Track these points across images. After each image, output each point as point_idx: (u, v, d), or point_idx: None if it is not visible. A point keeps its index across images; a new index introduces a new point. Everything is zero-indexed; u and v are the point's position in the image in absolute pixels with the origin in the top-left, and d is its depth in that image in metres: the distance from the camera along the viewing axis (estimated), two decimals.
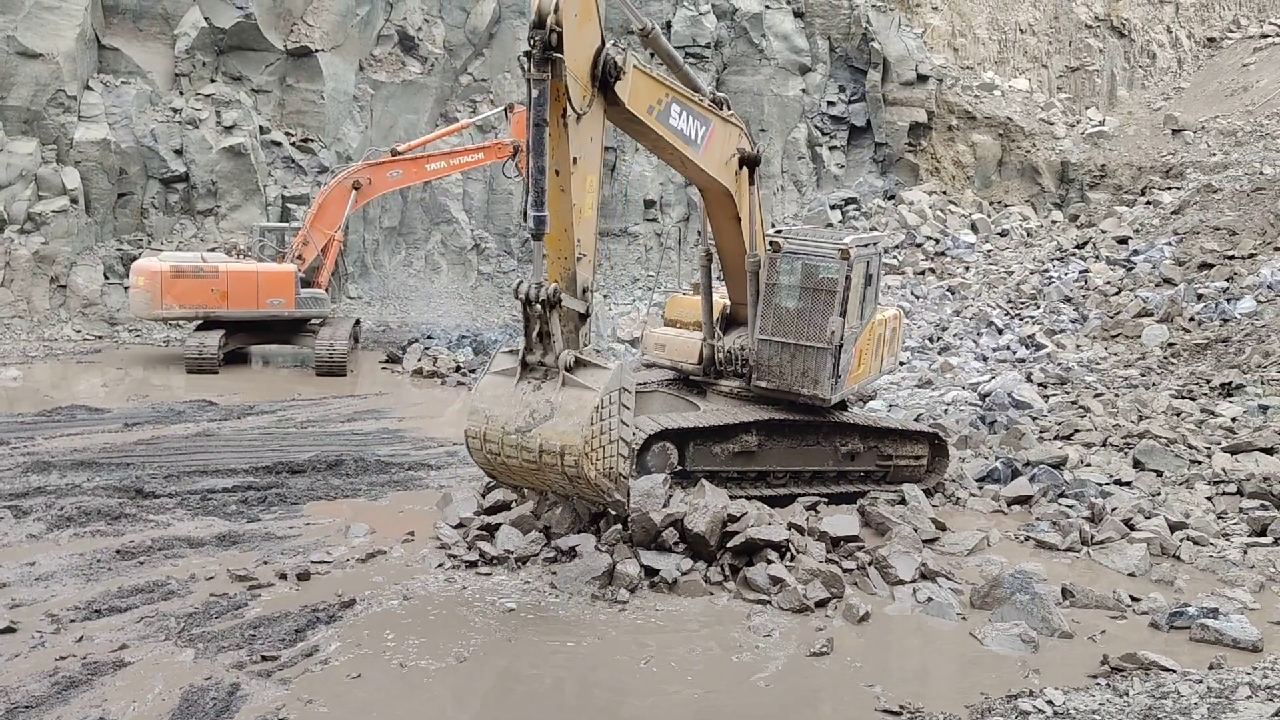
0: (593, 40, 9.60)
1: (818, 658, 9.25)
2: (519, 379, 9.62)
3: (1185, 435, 16.28)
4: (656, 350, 15.13)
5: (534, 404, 9.42)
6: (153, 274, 22.39)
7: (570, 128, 9.41)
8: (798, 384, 13.52)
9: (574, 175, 9.56)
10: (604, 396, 9.34)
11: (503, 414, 9.50)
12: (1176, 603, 10.72)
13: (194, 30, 29.18)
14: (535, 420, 9.35)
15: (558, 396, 9.38)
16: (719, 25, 37.60)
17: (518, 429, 9.38)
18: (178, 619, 9.25)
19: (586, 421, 9.19)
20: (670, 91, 11.22)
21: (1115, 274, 27.79)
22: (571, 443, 9.17)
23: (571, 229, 9.72)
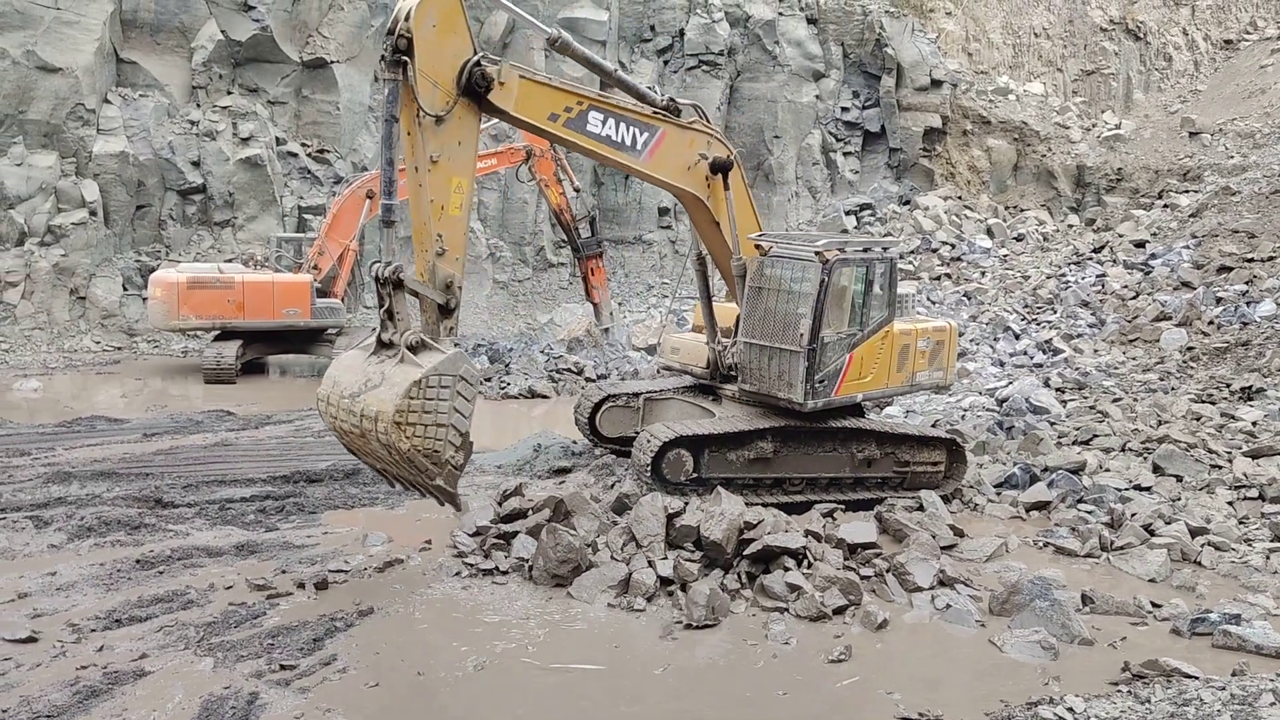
0: (458, 51, 10.32)
1: (836, 665, 9.21)
2: (371, 353, 10.17)
3: (1205, 440, 16.15)
4: (671, 354, 15.28)
5: (369, 373, 9.92)
6: (170, 285, 22.55)
7: (427, 129, 10.13)
8: (774, 387, 13.43)
9: (432, 174, 10.24)
10: (428, 374, 9.67)
11: (345, 380, 10.04)
12: (1198, 609, 10.62)
13: (210, 43, 29.44)
14: (367, 388, 9.80)
15: (391, 369, 9.85)
16: (732, 32, 37.64)
17: (351, 394, 9.87)
18: (197, 628, 9.30)
19: (403, 393, 9.51)
20: (583, 99, 11.56)
21: (1133, 278, 27.63)
22: (384, 410, 9.51)
23: (431, 224, 10.39)
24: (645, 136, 12.15)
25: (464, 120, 10.49)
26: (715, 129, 13.23)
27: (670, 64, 37.69)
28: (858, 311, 13.70)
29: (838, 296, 13.38)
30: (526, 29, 35.53)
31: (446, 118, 10.25)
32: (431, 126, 10.14)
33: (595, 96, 11.75)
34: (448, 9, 10.17)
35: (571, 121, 11.44)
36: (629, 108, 12.10)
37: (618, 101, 12.05)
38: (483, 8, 35.51)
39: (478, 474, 15.33)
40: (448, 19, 10.16)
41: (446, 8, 10.16)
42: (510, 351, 25.33)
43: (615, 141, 11.88)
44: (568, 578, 10.69)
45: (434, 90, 10.10)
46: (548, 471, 15.27)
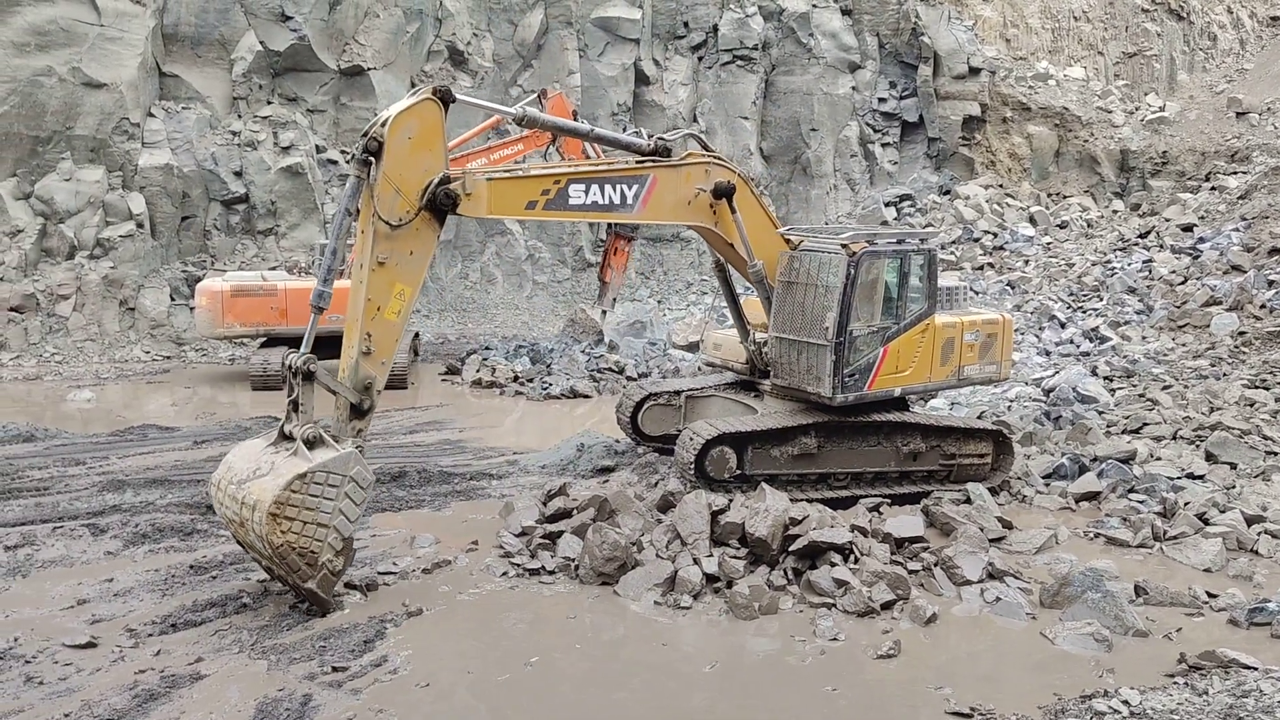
0: (429, 167, 10.34)
1: (885, 660, 9.16)
2: (270, 443, 10.05)
3: (1260, 426, 15.83)
4: (714, 351, 15.36)
5: (262, 462, 9.72)
6: (214, 294, 22.89)
7: (380, 232, 10.12)
8: (804, 381, 13.41)
9: (375, 274, 10.23)
10: (314, 469, 9.37)
11: (239, 467, 9.87)
12: (1256, 598, 10.43)
13: (250, 54, 29.85)
14: (255, 476, 9.58)
15: (281, 460, 9.66)
16: (766, 26, 37.48)
17: (238, 481, 9.67)
18: (250, 632, 9.44)
19: (284, 485, 9.23)
20: (559, 178, 11.40)
21: (1181, 263, 27.14)
22: (263, 499, 9.21)
23: (362, 321, 10.34)
24: (635, 189, 12.00)
25: (420, 232, 10.49)
26: (713, 155, 12.94)
27: (704, 60, 37.62)
28: (892, 304, 13.58)
29: (868, 289, 13.26)
30: (560, 30, 35.65)
31: (403, 227, 10.26)
32: (386, 231, 10.14)
33: (569, 172, 11.58)
34: (429, 124, 10.26)
35: (552, 202, 11.36)
36: (609, 169, 11.95)
37: (594, 166, 11.95)
38: (516, 10, 35.71)
39: (522, 474, 15.43)
40: (426, 134, 10.27)
41: (428, 123, 10.25)
42: (551, 352, 25.42)
43: (603, 205, 11.75)
44: (614, 576, 10.72)
45: (395, 197, 10.13)
46: (591, 471, 15.32)
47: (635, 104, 36.78)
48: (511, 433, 19.13)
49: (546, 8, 35.70)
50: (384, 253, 10.21)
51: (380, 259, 10.19)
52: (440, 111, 10.32)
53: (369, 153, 9.97)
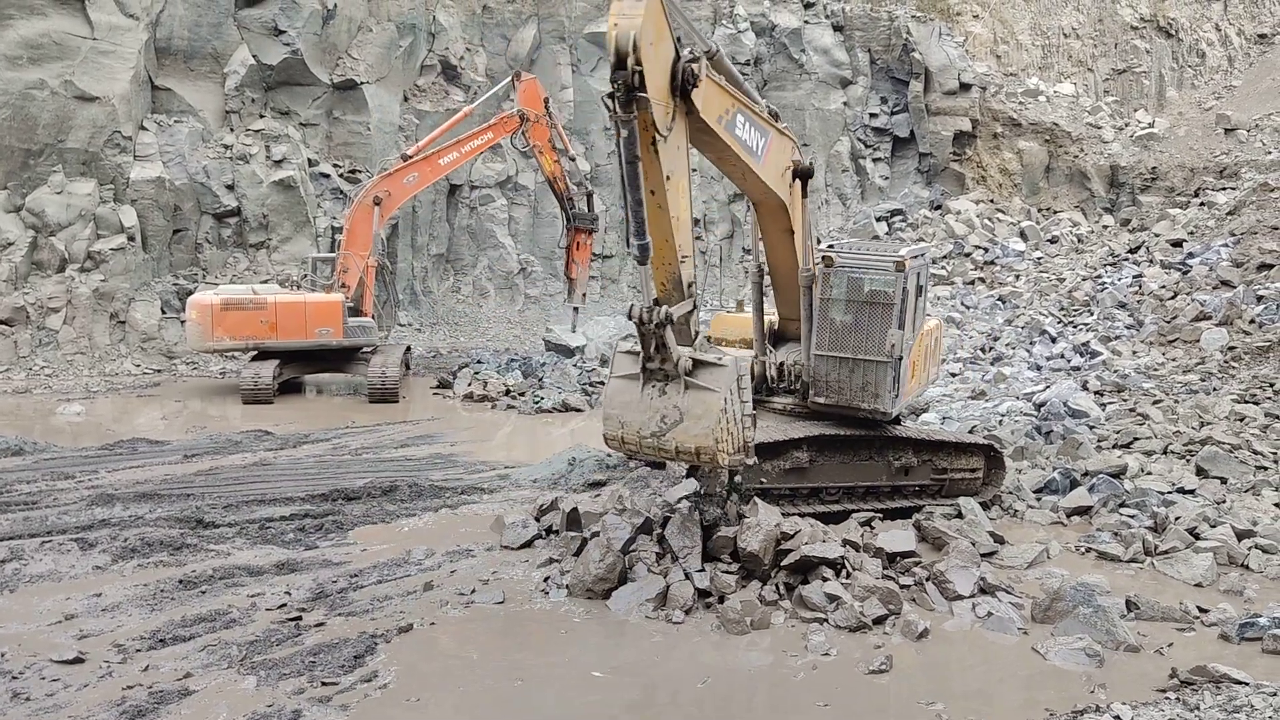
0: (668, 56, 9.62)
1: (877, 675, 9.14)
2: (643, 384, 10.17)
3: (1249, 441, 15.88)
4: None
5: (662, 409, 10.07)
6: (204, 307, 22.85)
7: (661, 150, 9.58)
8: (858, 399, 13.38)
9: (669, 191, 9.79)
10: (727, 395, 10.00)
11: (635, 419, 10.20)
12: (1247, 613, 10.44)
13: (243, 68, 29.87)
14: (667, 425, 10.06)
15: (683, 401, 10.00)
16: (758, 42, 37.65)
17: (652, 433, 10.13)
18: (239, 647, 9.39)
19: (715, 424, 9.87)
20: (736, 101, 11.15)
21: (1170, 278, 27.26)
22: (704, 444, 9.91)
23: (672, 238, 10.02)
24: (763, 141, 11.85)
25: (679, 127, 9.90)
26: (794, 135, 12.99)
27: None
28: (915, 317, 13.80)
29: (910, 303, 13.48)
30: (553, 44, 35.76)
31: (672, 130, 9.68)
32: (664, 145, 9.57)
33: (743, 99, 11.33)
34: (657, 17, 9.30)
35: (728, 124, 11.02)
36: (757, 110, 11.75)
37: (750, 104, 11.56)
38: (508, 24, 35.82)
39: (513, 488, 15.40)
40: (658, 28, 9.35)
41: (656, 16, 9.29)
42: (543, 366, 25.40)
43: (749, 146, 11.50)
44: (606, 591, 10.68)
45: (661, 105, 9.46)
46: (583, 485, 15.30)
47: None
48: (503, 447, 19.10)
49: (539, 23, 35.84)
50: (669, 166, 9.71)
51: (668, 174, 9.72)
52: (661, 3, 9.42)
53: (632, 89, 9.05)
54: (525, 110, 25.64)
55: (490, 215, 35.08)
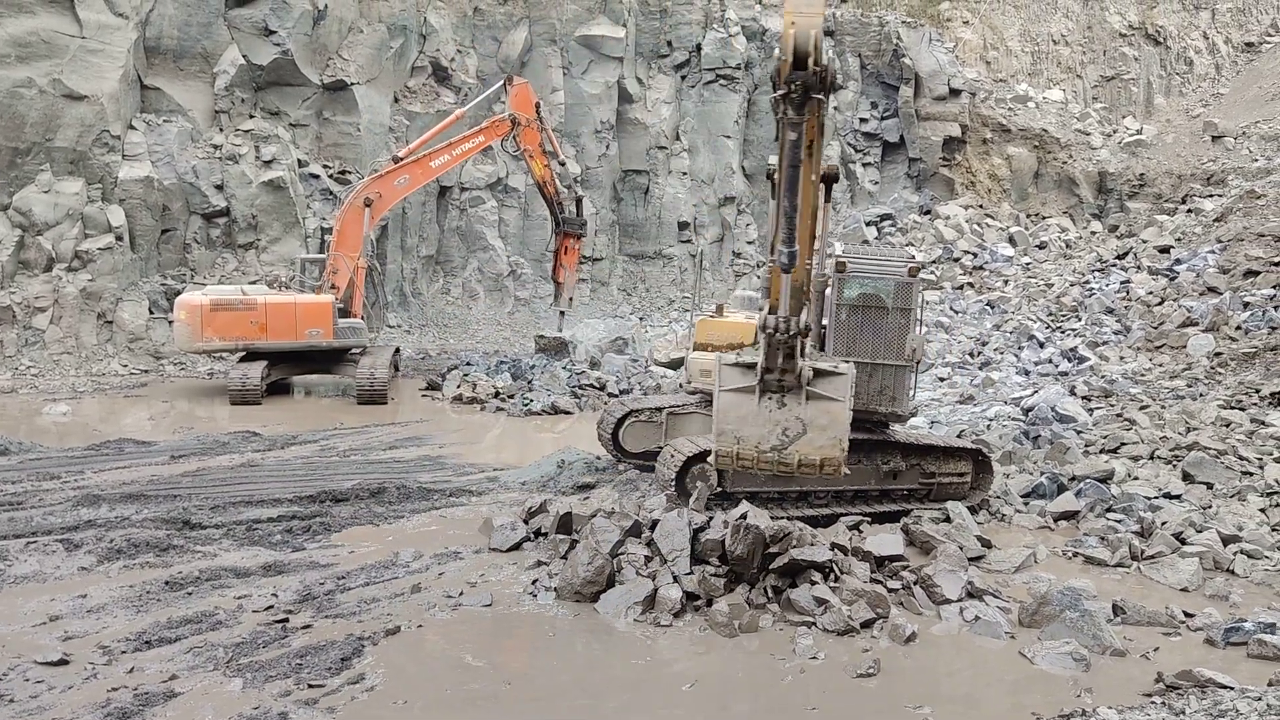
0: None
1: (865, 679, 9.14)
2: (760, 397, 9.85)
3: (1235, 446, 15.96)
4: (703, 378, 14.82)
5: (783, 421, 9.82)
6: (193, 308, 22.78)
7: (815, 153, 9.21)
8: (875, 402, 13.48)
9: (812, 194, 9.53)
10: (849, 400, 9.95)
11: (753, 434, 9.91)
12: (1232, 618, 10.49)
13: (233, 68, 29.82)
14: (789, 438, 9.86)
15: (805, 412, 9.78)
16: (749, 46, 37.76)
17: (773, 447, 9.89)
18: (226, 649, 9.34)
19: (844, 434, 9.86)
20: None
21: (1158, 284, 27.40)
22: (831, 455, 9.90)
23: (807, 244, 9.83)
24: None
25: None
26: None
27: (688, 79, 37.82)
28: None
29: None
30: (544, 47, 35.75)
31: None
32: (817, 148, 9.17)
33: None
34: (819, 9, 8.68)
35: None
36: None
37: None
38: (500, 27, 35.81)
39: (502, 491, 15.38)
40: (819, 26, 8.69)
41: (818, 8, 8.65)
42: (533, 368, 25.40)
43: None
44: (594, 594, 10.67)
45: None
46: (572, 488, 15.28)
47: (618, 121, 36.92)
48: (492, 449, 19.08)
49: (531, 25, 35.86)
50: (814, 169, 9.33)
51: (812, 176, 9.32)
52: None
53: (811, 90, 8.42)
54: (516, 114, 25.68)
55: (480, 217, 35.07)
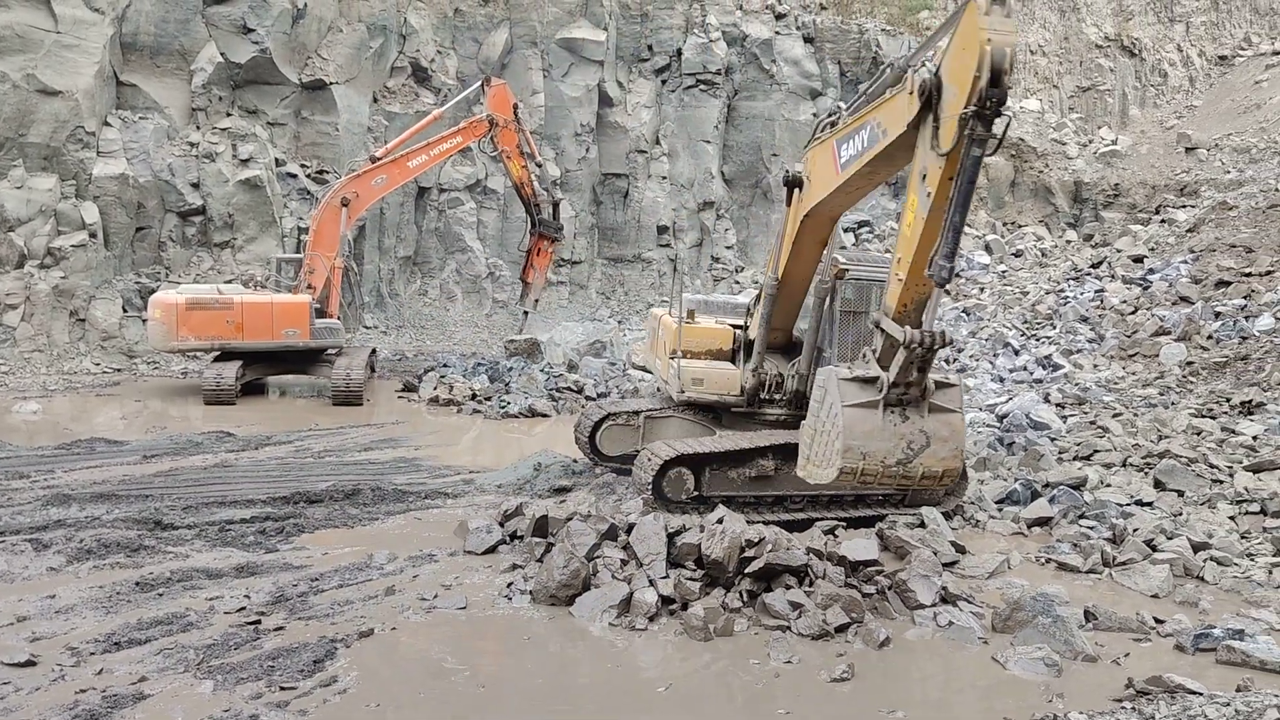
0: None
1: (839, 684, 9.17)
2: (884, 412, 9.74)
3: (1206, 454, 16.13)
4: (695, 386, 14.48)
5: (908, 435, 9.73)
6: (168, 306, 22.58)
7: (938, 170, 9.04)
8: None
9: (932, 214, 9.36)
10: (964, 414, 10.19)
11: (879, 449, 9.74)
12: (1201, 624, 10.59)
13: (210, 65, 29.60)
14: (914, 451, 9.75)
15: (928, 424, 9.76)
16: (729, 52, 37.84)
17: (898, 461, 9.75)
18: (197, 650, 9.26)
19: (963, 444, 10.03)
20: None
21: (1131, 293, 27.65)
22: (952, 466, 9.90)
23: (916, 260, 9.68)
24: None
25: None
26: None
27: (668, 83, 37.88)
28: None
29: None
30: (524, 49, 35.72)
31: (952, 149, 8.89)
32: (939, 164, 8.98)
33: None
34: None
35: None
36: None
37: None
38: (480, 28, 35.74)
39: (478, 493, 15.33)
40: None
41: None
42: (510, 371, 25.33)
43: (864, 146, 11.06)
44: (570, 598, 10.65)
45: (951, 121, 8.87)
46: (548, 490, 15.25)
47: (598, 125, 36.94)
48: (468, 451, 19.01)
49: (511, 27, 35.81)
50: (933, 185, 9.05)
51: (929, 192, 9.09)
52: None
53: (1001, 105, 8.40)
54: (494, 115, 25.65)
55: (459, 218, 34.97)
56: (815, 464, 10.11)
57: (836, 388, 9.82)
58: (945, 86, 8.86)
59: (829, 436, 9.84)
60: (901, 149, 9.79)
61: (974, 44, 8.33)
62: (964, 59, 8.54)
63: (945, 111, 8.82)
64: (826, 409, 9.92)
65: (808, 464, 10.30)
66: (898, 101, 9.63)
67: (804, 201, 12.51)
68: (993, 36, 8.22)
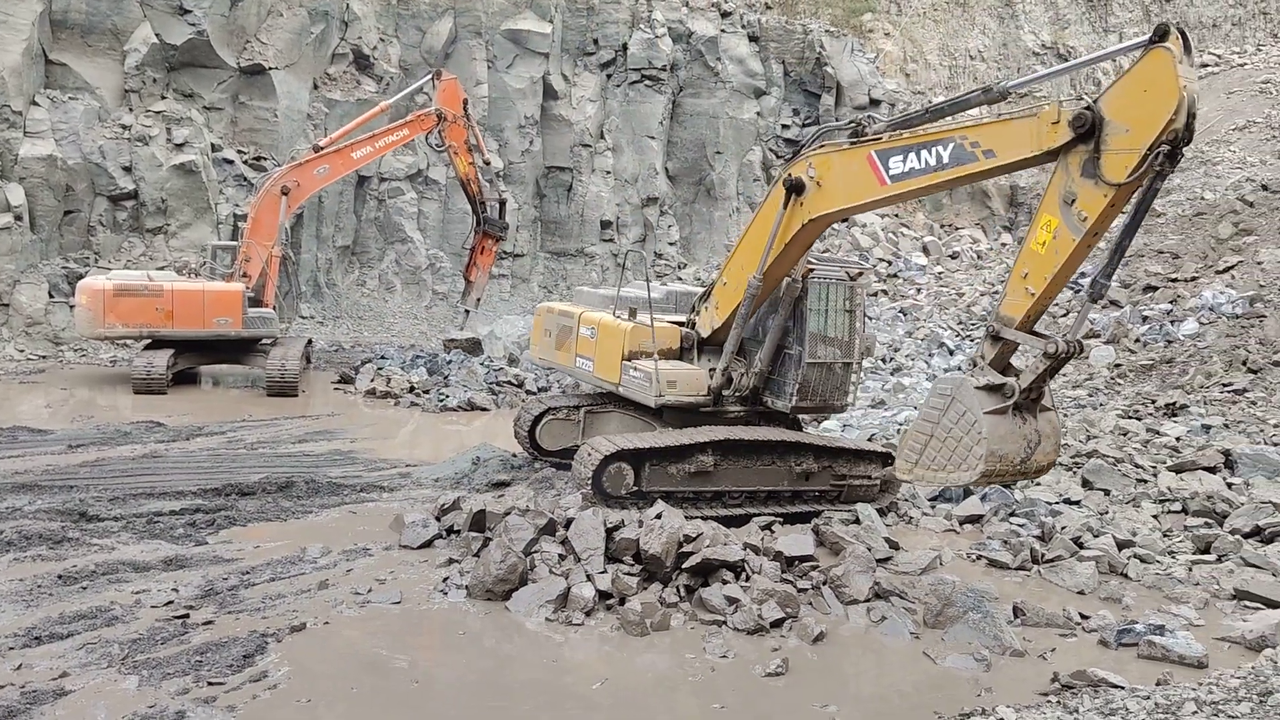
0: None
1: (773, 678, 9.25)
2: (1014, 415, 10.26)
3: (1132, 454, 16.56)
4: (670, 389, 13.94)
5: (1028, 435, 10.38)
6: (96, 293, 22.02)
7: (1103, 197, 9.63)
8: (833, 398, 14.21)
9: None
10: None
11: (1010, 450, 10.30)
12: (1124, 620, 10.87)
13: (144, 46, 28.85)
14: (1031, 449, 10.42)
15: (1040, 424, 10.44)
16: (675, 48, 37.88)
17: (1021, 459, 10.40)
18: (121, 645, 9.04)
19: (1060, 438, 10.98)
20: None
21: (1063, 296, 28.25)
22: (1054, 459, 10.79)
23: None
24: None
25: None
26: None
27: (613, 78, 37.81)
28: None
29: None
30: (469, 39, 35.40)
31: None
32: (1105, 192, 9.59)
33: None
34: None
35: None
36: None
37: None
38: (424, 16, 35.34)
39: (414, 487, 15.18)
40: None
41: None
42: (449, 364, 25.11)
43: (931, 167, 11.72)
44: (506, 593, 10.60)
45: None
46: (487, 485, 15.15)
47: (543, 117, 36.75)
48: (405, 445, 18.82)
49: (456, 16, 35.46)
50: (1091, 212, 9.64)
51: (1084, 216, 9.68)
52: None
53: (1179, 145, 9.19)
54: (443, 109, 25.38)
55: (399, 209, 34.56)
56: (938, 469, 10.43)
57: (973, 397, 10.24)
58: (1109, 122, 9.39)
59: (962, 442, 10.20)
60: (1006, 170, 10.82)
61: (1169, 89, 8.93)
62: (1147, 101, 9.14)
63: (1113, 145, 9.37)
64: (956, 415, 10.28)
65: (923, 468, 10.57)
66: (1019, 126, 10.27)
67: (810, 206, 12.68)
68: (1187, 84, 8.89)
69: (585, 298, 16.40)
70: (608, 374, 14.65)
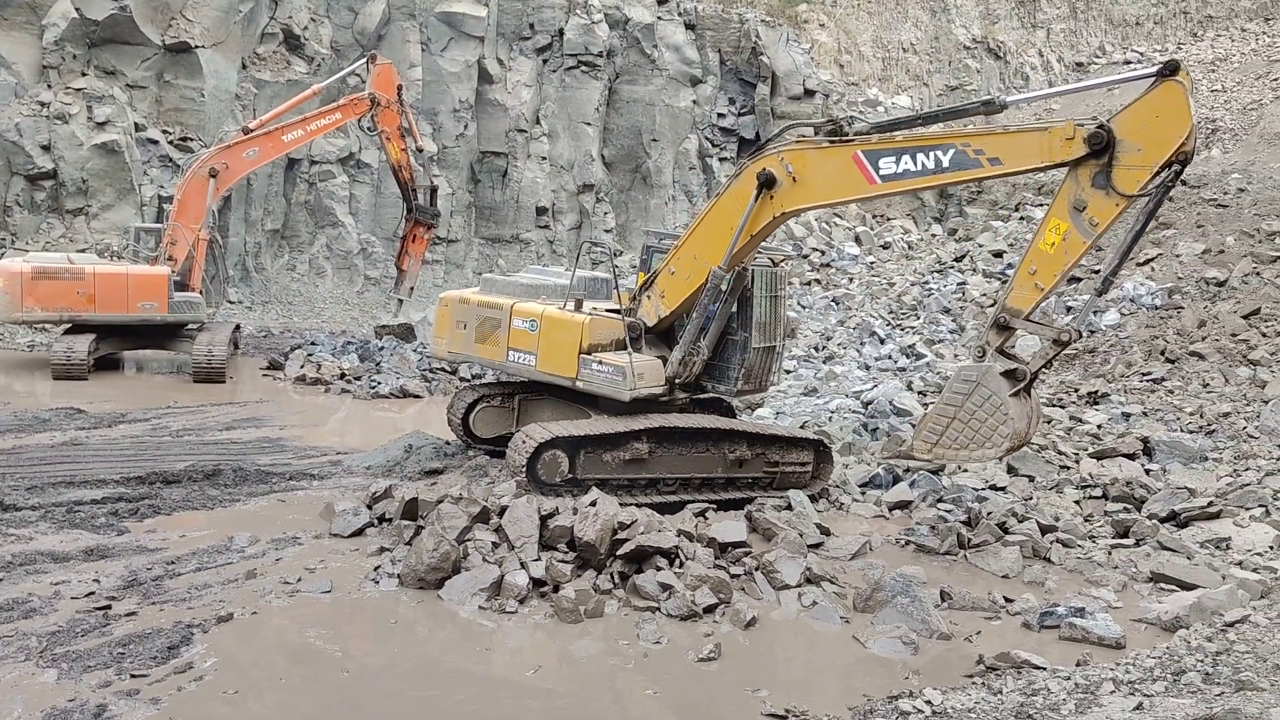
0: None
1: (706, 663, 9.32)
2: (1024, 396, 11.71)
3: (1055, 442, 16.98)
4: (640, 381, 13.70)
5: (1030, 412, 11.94)
6: (12, 275, 21.33)
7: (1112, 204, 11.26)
8: (766, 381, 14.62)
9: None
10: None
11: (1022, 428, 11.76)
12: (1047, 603, 11.15)
13: (64, 21, 27.94)
14: (1030, 425, 12.07)
15: (1032, 402, 12.07)
16: (611, 34, 37.77)
17: (1026, 433, 12.09)
18: (40, 638, 8.79)
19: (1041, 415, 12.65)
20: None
21: (991, 286, 28.85)
22: (1034, 431, 12.24)
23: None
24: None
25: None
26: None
27: (549, 63, 37.59)
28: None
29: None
30: (403, 21, 34.90)
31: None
32: (1116, 202, 11.24)
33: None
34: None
35: None
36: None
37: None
38: None
39: (345, 475, 14.98)
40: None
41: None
42: (381, 350, 24.81)
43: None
44: (439, 581, 10.52)
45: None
46: (419, 473, 15.01)
47: (477, 101, 36.41)
48: (336, 432, 18.56)
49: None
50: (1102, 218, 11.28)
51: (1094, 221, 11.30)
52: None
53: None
54: (377, 94, 24.98)
55: (330, 192, 34.00)
56: (959, 447, 11.64)
57: (999, 382, 11.43)
58: (1121, 141, 10.83)
59: (986, 423, 11.41)
60: (1008, 176, 12.62)
61: (1182, 117, 10.57)
62: (1160, 125, 10.68)
63: (1126, 161, 10.86)
64: (981, 399, 11.43)
65: (943, 448, 11.80)
66: (1028, 139, 11.52)
67: (783, 200, 12.88)
68: (1193, 114, 10.61)
69: (499, 286, 15.53)
70: (559, 369, 14.04)
